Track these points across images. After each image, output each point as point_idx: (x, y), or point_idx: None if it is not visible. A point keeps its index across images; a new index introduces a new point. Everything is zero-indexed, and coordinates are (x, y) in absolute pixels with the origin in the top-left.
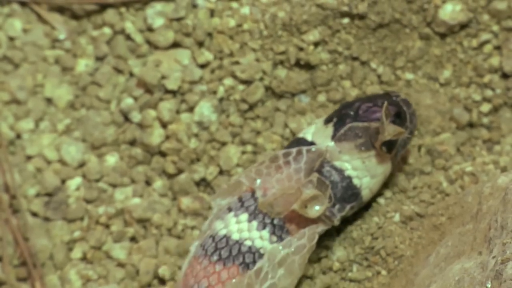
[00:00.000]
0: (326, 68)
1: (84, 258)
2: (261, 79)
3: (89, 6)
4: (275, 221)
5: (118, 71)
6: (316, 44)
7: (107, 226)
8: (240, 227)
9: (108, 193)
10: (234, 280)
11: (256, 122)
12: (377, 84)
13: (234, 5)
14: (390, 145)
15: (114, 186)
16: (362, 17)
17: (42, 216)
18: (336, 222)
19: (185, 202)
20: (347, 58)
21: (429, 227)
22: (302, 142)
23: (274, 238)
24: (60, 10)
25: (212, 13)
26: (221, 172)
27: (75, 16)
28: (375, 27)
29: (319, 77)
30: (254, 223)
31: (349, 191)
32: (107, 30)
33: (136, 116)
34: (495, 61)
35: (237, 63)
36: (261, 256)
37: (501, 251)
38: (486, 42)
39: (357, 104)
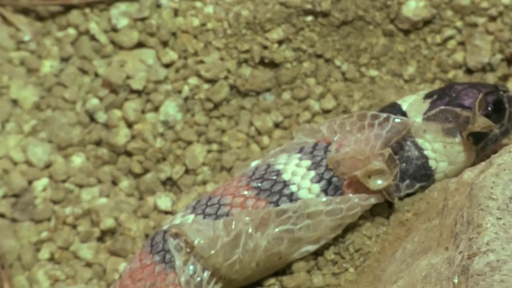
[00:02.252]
0: (291, 66)
1: (52, 259)
2: (226, 77)
3: (54, 7)
4: (334, 179)
5: (83, 71)
6: (280, 42)
7: (74, 226)
8: (296, 171)
9: (74, 193)
10: (250, 208)
11: (221, 120)
12: (342, 81)
13: (198, 4)
14: (478, 137)
15: (80, 186)
16: (325, 14)
17: (9, 217)
18: (396, 199)
19: (152, 201)
20: (311, 55)
21: (395, 223)
22: (397, 108)
23: (323, 195)
24: (25, 11)
25: (176, 12)
26: (187, 171)
27: (40, 18)
28: (338, 25)
29: (284, 75)
30: (312, 173)
31: (422, 171)
32: (71, 31)
33: (101, 116)
34: (459, 56)
35: (201, 62)
36: None
37: (468, 246)
38: (450, 38)
39: (462, 87)
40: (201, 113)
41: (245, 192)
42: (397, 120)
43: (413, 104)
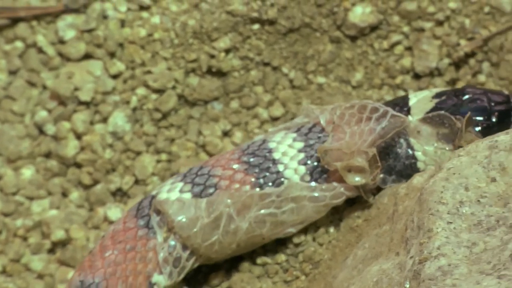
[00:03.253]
0: (238, 75)
1: (3, 271)
2: (174, 87)
3: (1, 20)
4: (321, 164)
5: (31, 84)
6: (227, 51)
7: (25, 238)
8: (287, 151)
9: (25, 205)
10: (233, 191)
11: (170, 130)
12: (289, 89)
13: (145, 14)
14: None
15: (31, 198)
16: (272, 22)
17: None
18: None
19: (102, 212)
20: (258, 64)
21: (345, 230)
22: (404, 102)
23: (308, 178)
24: None
25: (122, 23)
26: (136, 182)
27: None
28: (285, 32)
29: (231, 83)
30: (301, 155)
31: (408, 170)
32: (19, 44)
33: (50, 129)
34: (406, 62)
35: (149, 72)
36: (280, 185)
37: (419, 251)
38: (397, 43)
39: (473, 92)
40: (150, 123)
41: (235, 166)
42: (394, 117)
43: (421, 101)
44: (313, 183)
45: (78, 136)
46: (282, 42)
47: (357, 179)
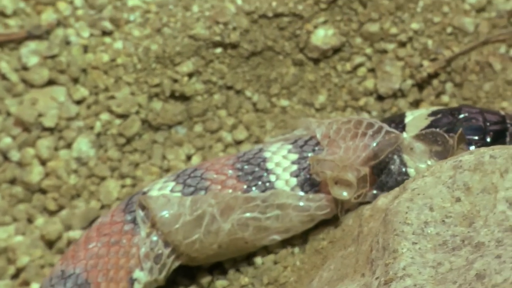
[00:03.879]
0: (201, 99)
1: None
2: (137, 112)
3: None
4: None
5: None
6: (190, 75)
7: None
8: (280, 162)
9: None
10: (217, 192)
11: (134, 155)
12: (253, 112)
13: (107, 40)
14: None
15: None
16: (234, 46)
17: None
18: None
19: (67, 238)
20: (221, 87)
21: (311, 252)
22: (400, 119)
23: (298, 190)
24: None
25: (85, 49)
26: (102, 207)
27: None
28: (248, 56)
29: (195, 107)
30: (294, 167)
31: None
32: None
33: (15, 155)
34: (369, 83)
35: (112, 97)
36: None
37: (384, 271)
38: (360, 65)
39: (469, 111)
40: (114, 148)
41: (228, 172)
42: (388, 133)
43: (417, 118)
44: (300, 193)
45: (43, 162)
46: (245, 65)
47: (343, 194)
